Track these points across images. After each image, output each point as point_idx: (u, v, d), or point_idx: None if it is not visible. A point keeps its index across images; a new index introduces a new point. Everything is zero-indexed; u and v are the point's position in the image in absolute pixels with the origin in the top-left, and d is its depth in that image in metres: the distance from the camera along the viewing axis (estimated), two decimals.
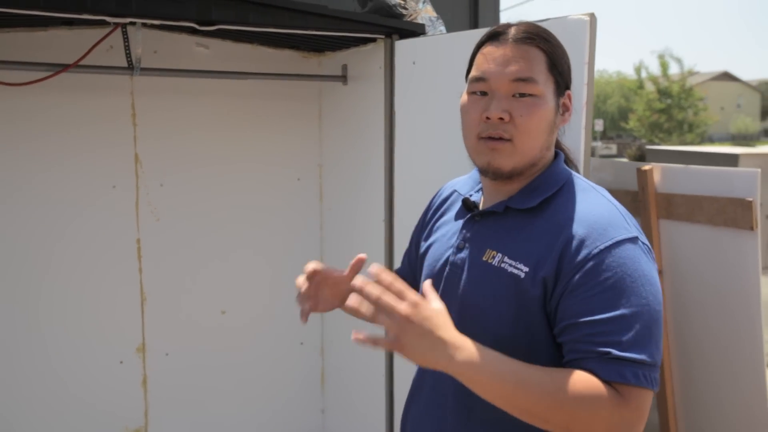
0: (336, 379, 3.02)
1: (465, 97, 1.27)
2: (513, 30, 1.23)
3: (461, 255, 1.28)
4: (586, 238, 1.13)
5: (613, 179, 2.32)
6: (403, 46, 2.42)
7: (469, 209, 1.33)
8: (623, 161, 2.70)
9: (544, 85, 1.21)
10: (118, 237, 2.70)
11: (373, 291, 1.04)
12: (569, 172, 1.28)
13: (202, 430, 2.89)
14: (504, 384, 1.05)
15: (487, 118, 1.21)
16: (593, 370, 1.07)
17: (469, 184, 1.41)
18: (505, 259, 1.20)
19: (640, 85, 35.85)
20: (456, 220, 1.36)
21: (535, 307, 1.16)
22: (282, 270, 2.97)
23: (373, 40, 2.54)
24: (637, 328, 1.08)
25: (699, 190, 1.99)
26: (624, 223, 1.16)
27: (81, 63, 2.34)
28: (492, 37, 1.25)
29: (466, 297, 1.25)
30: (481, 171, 1.28)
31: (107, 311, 2.70)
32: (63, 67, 2.31)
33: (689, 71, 35.28)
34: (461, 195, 1.38)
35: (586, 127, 1.80)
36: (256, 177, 2.93)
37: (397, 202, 2.49)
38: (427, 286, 1.13)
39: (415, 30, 2.42)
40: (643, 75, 36.01)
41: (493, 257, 1.22)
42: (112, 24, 2.29)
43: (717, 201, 1.93)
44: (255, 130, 2.91)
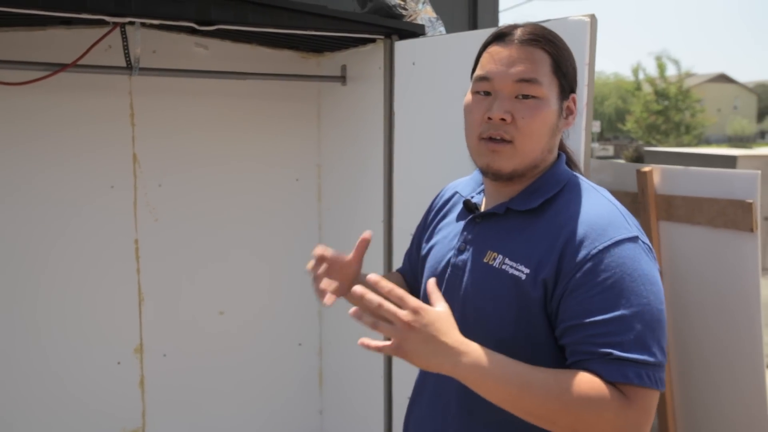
0: (334, 380, 3.01)
1: (469, 97, 1.27)
2: (519, 31, 1.23)
3: (462, 257, 1.28)
4: (585, 238, 1.13)
5: (612, 181, 2.31)
6: (403, 47, 2.42)
7: (470, 211, 1.33)
8: (622, 163, 2.70)
9: (548, 88, 1.21)
10: (115, 237, 2.69)
11: (373, 299, 1.03)
12: (570, 173, 1.28)
13: (200, 431, 2.88)
14: (509, 387, 1.05)
15: (489, 118, 1.21)
16: (596, 372, 1.06)
17: (470, 185, 1.41)
18: (506, 260, 1.20)
19: (638, 87, 35.87)
20: (457, 221, 1.36)
21: (536, 308, 1.15)
22: (280, 271, 2.97)
23: (372, 41, 2.54)
24: (638, 328, 1.08)
25: (699, 191, 1.99)
26: (624, 223, 1.16)
27: (79, 63, 2.34)
28: (498, 37, 1.25)
29: (467, 299, 1.24)
30: (482, 172, 1.27)
31: (105, 312, 2.69)
32: (61, 67, 2.31)
33: (686, 73, 35.32)
34: (463, 197, 1.38)
35: (586, 128, 1.80)
36: (254, 177, 2.92)
37: (396, 203, 2.48)
38: (431, 286, 1.12)
39: (415, 31, 2.42)
40: (641, 76, 36.05)
41: (494, 259, 1.21)
42: (111, 23, 2.29)
43: (717, 203, 1.93)
44: (254, 130, 2.90)
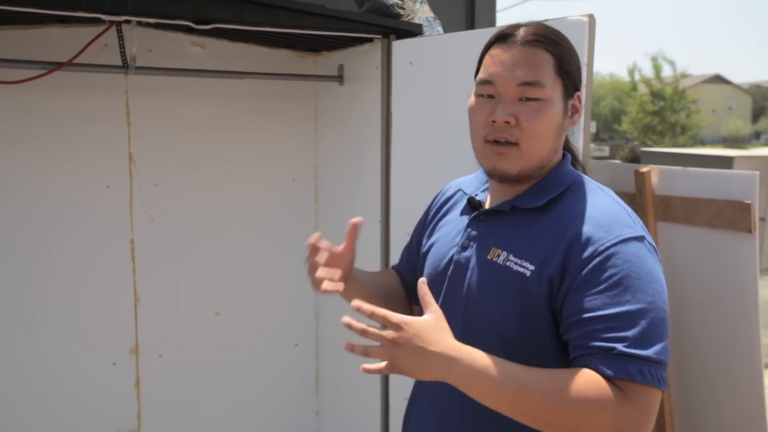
0: (331, 381, 3.01)
1: (473, 99, 1.27)
2: (521, 31, 1.23)
3: (466, 253, 1.27)
4: (592, 235, 1.13)
5: (609, 181, 2.31)
6: (400, 47, 2.41)
7: (474, 208, 1.33)
8: (619, 163, 2.70)
9: (552, 89, 1.21)
10: (111, 237, 2.68)
11: (356, 327, 1.04)
12: (576, 172, 1.29)
13: None
14: (504, 389, 1.04)
15: (494, 121, 1.21)
16: (597, 367, 1.06)
17: (475, 183, 1.41)
18: (511, 257, 1.19)
19: (633, 88, 35.91)
20: (460, 218, 1.36)
21: (541, 305, 1.15)
22: (277, 271, 2.96)
23: (370, 40, 2.53)
24: (642, 324, 1.07)
25: (697, 192, 1.99)
26: (630, 222, 1.17)
27: (75, 61, 2.32)
28: (500, 38, 1.25)
29: (470, 296, 1.24)
30: (488, 174, 1.28)
31: (100, 312, 2.68)
32: (57, 66, 2.29)
33: (682, 74, 35.40)
34: (466, 194, 1.38)
35: (585, 128, 1.79)
36: (251, 177, 2.91)
37: (393, 203, 2.48)
38: (422, 290, 1.11)
39: (413, 30, 2.41)
40: (636, 77, 36.12)
41: (498, 255, 1.21)
42: (107, 22, 2.27)
43: (715, 203, 1.93)
44: (250, 130, 2.89)
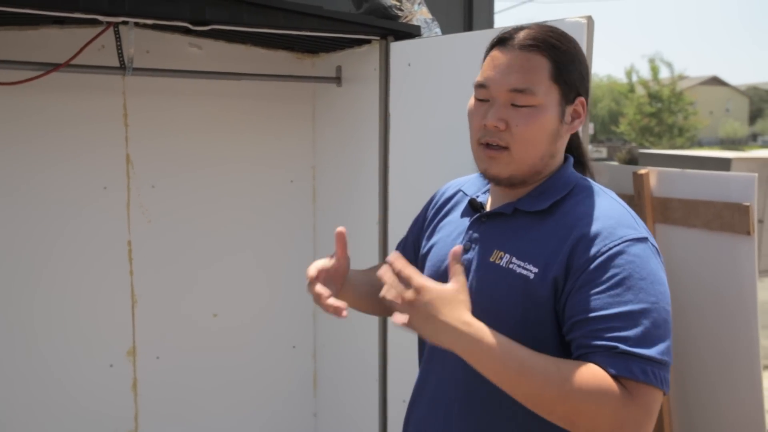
0: (329, 383, 3.00)
1: (472, 101, 1.28)
2: (521, 35, 1.23)
3: (467, 256, 1.27)
4: (596, 236, 1.14)
5: (608, 183, 2.30)
6: (398, 48, 2.41)
7: (476, 210, 1.33)
8: (617, 165, 2.69)
9: (545, 95, 1.21)
10: (108, 239, 2.67)
11: (387, 277, 1.10)
12: (578, 176, 1.29)
13: None
14: (507, 371, 1.05)
15: (485, 125, 1.22)
16: (601, 365, 1.06)
17: (476, 184, 1.40)
18: (513, 259, 1.20)
19: (631, 89, 35.97)
20: (461, 220, 1.35)
21: (544, 307, 1.15)
22: (275, 272, 2.95)
23: (368, 42, 2.53)
24: (645, 324, 1.07)
25: (695, 194, 1.99)
26: (634, 224, 1.17)
27: (72, 62, 2.31)
28: (500, 41, 1.25)
29: (473, 298, 1.24)
30: (482, 176, 1.28)
31: (97, 314, 2.67)
32: (54, 67, 2.28)
33: (679, 75, 35.46)
34: (467, 195, 1.38)
35: (583, 130, 1.79)
36: (248, 178, 2.90)
37: (391, 204, 2.47)
38: (453, 257, 1.12)
39: (411, 32, 2.41)
40: (634, 79, 36.17)
41: (501, 258, 1.21)
42: (105, 23, 2.27)
43: (713, 205, 1.93)
44: (248, 131, 2.88)
